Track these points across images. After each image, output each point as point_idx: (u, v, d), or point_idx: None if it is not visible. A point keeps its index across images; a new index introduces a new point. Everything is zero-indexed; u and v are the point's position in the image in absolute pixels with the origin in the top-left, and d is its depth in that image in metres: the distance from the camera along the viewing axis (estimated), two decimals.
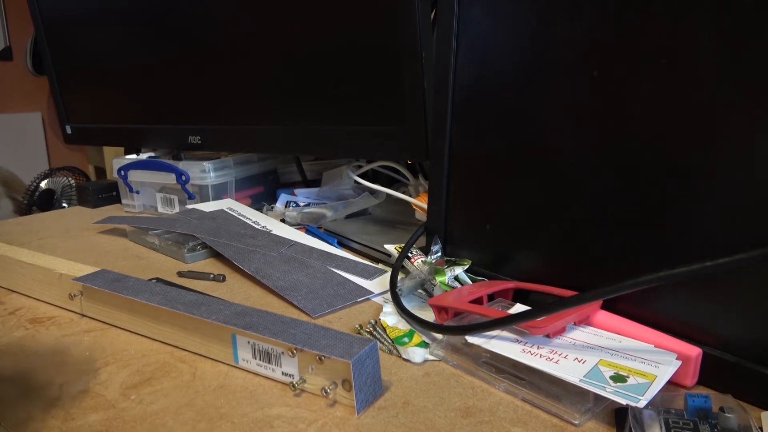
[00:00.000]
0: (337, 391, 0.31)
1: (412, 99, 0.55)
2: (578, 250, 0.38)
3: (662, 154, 0.33)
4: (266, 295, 0.49)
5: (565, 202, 0.39)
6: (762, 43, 0.29)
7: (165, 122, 0.83)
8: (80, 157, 2.77)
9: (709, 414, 0.27)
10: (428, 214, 0.50)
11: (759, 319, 0.30)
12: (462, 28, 0.44)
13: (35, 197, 2.19)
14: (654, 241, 0.34)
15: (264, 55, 0.68)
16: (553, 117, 0.39)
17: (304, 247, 0.58)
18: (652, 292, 0.32)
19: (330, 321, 0.43)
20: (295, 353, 0.32)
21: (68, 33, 0.89)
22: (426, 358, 0.37)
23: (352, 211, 0.71)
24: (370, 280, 0.51)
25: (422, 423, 0.30)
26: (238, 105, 0.73)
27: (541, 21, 0.39)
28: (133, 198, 0.82)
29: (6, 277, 0.51)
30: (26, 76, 2.60)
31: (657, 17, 0.33)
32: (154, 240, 0.62)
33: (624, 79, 0.35)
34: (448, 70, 0.45)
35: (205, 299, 0.38)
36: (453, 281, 0.44)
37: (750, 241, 0.30)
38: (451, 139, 0.46)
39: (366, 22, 0.57)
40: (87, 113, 0.94)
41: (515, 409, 0.31)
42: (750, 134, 0.30)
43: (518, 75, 0.41)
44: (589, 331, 0.35)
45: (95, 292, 0.42)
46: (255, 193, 0.82)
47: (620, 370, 0.30)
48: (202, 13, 0.72)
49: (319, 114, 0.65)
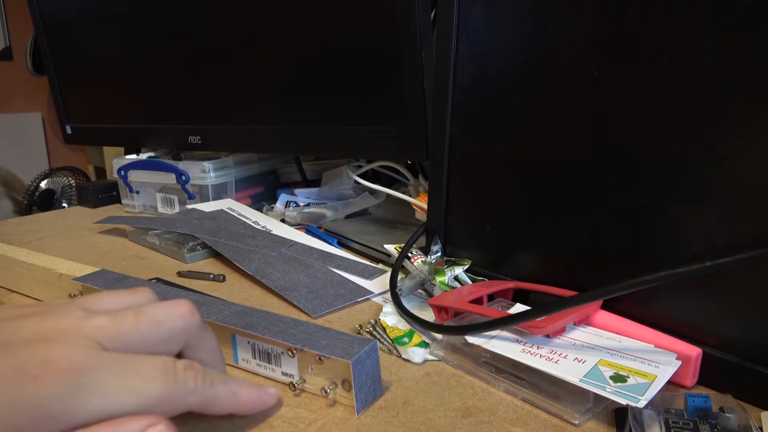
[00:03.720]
0: (336, 391, 0.31)
1: (412, 99, 0.55)
2: (578, 250, 0.38)
3: (662, 153, 0.33)
4: (266, 295, 0.49)
5: (565, 202, 0.39)
6: (762, 43, 0.29)
7: (165, 122, 0.83)
8: (80, 157, 2.76)
9: (709, 414, 0.27)
10: (428, 214, 0.50)
11: (759, 319, 0.30)
12: (462, 28, 0.44)
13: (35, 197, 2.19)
14: (654, 240, 0.34)
15: (264, 55, 0.68)
16: (553, 117, 0.39)
17: (304, 247, 0.58)
18: (652, 292, 0.32)
19: (330, 321, 0.43)
20: (295, 353, 0.32)
21: (68, 33, 0.89)
22: (426, 358, 0.37)
23: (352, 211, 0.71)
24: (370, 280, 0.51)
25: (422, 423, 0.30)
26: (238, 105, 0.73)
27: (541, 21, 0.39)
28: (133, 198, 0.82)
29: (6, 277, 0.51)
30: (26, 76, 2.60)
31: (657, 17, 0.33)
32: (154, 240, 0.62)
33: (624, 79, 0.35)
34: (448, 70, 0.45)
35: (205, 299, 0.38)
36: (453, 281, 0.44)
37: (750, 241, 0.30)
38: (451, 139, 0.46)
39: (366, 22, 0.57)
40: (87, 113, 0.94)
41: (515, 409, 0.31)
42: (750, 134, 0.30)
43: (518, 75, 0.41)
44: (589, 331, 0.35)
45: (95, 292, 0.42)
46: (255, 193, 0.82)
47: (620, 370, 0.30)
48: (202, 12, 0.72)
49: (319, 114, 0.65)
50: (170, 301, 0.28)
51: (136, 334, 0.26)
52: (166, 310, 0.27)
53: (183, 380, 0.25)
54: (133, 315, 0.26)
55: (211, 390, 0.27)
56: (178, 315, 0.28)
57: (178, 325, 0.27)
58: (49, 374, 0.22)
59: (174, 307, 0.28)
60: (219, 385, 0.27)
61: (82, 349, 0.23)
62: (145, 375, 0.24)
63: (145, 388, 0.24)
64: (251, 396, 0.29)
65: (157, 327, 0.27)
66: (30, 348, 0.23)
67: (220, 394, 0.27)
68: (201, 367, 0.27)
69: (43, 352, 0.23)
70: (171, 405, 0.25)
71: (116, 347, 0.25)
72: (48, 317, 0.25)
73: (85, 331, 0.24)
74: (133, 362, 0.25)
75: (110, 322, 0.25)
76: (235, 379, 0.29)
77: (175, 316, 0.27)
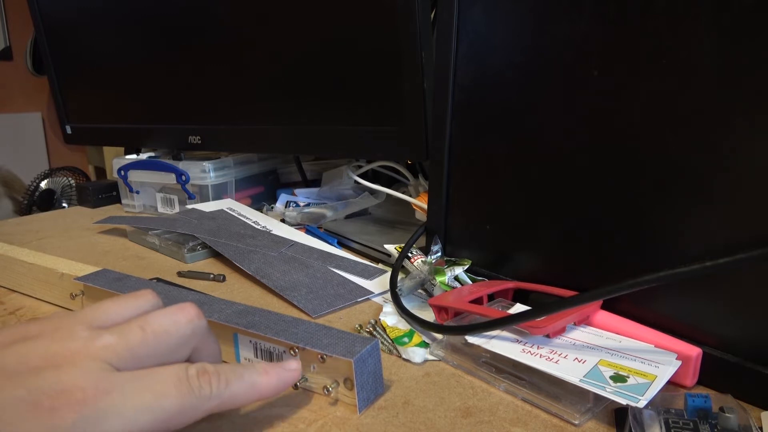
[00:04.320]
0: (338, 390, 0.31)
1: (412, 99, 0.55)
2: (578, 250, 0.39)
3: (662, 153, 0.33)
4: (266, 295, 0.49)
5: (565, 202, 0.39)
6: (762, 43, 0.29)
7: (165, 122, 0.83)
8: (80, 157, 2.76)
9: (709, 414, 0.27)
10: (428, 214, 0.50)
11: (759, 319, 0.30)
12: (462, 28, 0.44)
13: (35, 197, 2.18)
14: (654, 240, 0.34)
15: (264, 55, 0.68)
16: (553, 117, 0.39)
17: (304, 247, 0.58)
18: (652, 292, 0.32)
19: (330, 321, 0.43)
20: (297, 352, 0.32)
21: (68, 33, 0.89)
22: (426, 358, 0.37)
23: (352, 211, 0.71)
24: (370, 280, 0.51)
25: (422, 423, 0.30)
26: (238, 105, 0.73)
27: (541, 21, 0.39)
28: (133, 198, 0.82)
29: (6, 277, 0.51)
30: (26, 76, 2.60)
31: (657, 17, 0.33)
32: (154, 240, 0.62)
33: (624, 79, 0.35)
34: (448, 70, 0.45)
35: (207, 298, 0.38)
36: (453, 281, 0.44)
37: (750, 241, 0.30)
38: (451, 139, 0.47)
39: (366, 22, 0.57)
40: (87, 113, 0.94)
41: (515, 409, 0.31)
42: (750, 134, 0.30)
43: (518, 75, 0.41)
44: (589, 331, 0.35)
45: (97, 292, 0.42)
46: (255, 193, 0.82)
47: (620, 370, 0.30)
48: (202, 13, 0.72)
49: (319, 114, 0.65)
50: (175, 307, 0.28)
51: (145, 347, 0.25)
52: (172, 318, 0.27)
53: (198, 387, 0.25)
54: (139, 328, 0.26)
55: (228, 390, 0.26)
56: (185, 321, 0.27)
57: (186, 332, 0.27)
58: (64, 406, 0.22)
59: (180, 314, 0.27)
60: (235, 382, 0.27)
61: (93, 373, 0.23)
62: (160, 390, 0.24)
63: (162, 402, 0.24)
64: (271, 382, 0.29)
65: (165, 337, 0.26)
66: (40, 378, 0.22)
67: (237, 391, 0.27)
68: (213, 369, 0.26)
69: (54, 381, 0.22)
70: (190, 414, 0.25)
71: (126, 365, 0.25)
72: (53, 340, 0.24)
73: (94, 353, 0.24)
74: (146, 379, 0.24)
75: (117, 340, 0.25)
76: (250, 369, 0.28)
77: (182, 323, 0.27)
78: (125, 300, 0.28)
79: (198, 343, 0.28)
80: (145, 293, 0.29)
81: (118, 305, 0.28)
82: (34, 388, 0.22)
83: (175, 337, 0.27)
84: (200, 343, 0.29)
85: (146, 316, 0.27)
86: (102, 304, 0.28)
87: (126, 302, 0.28)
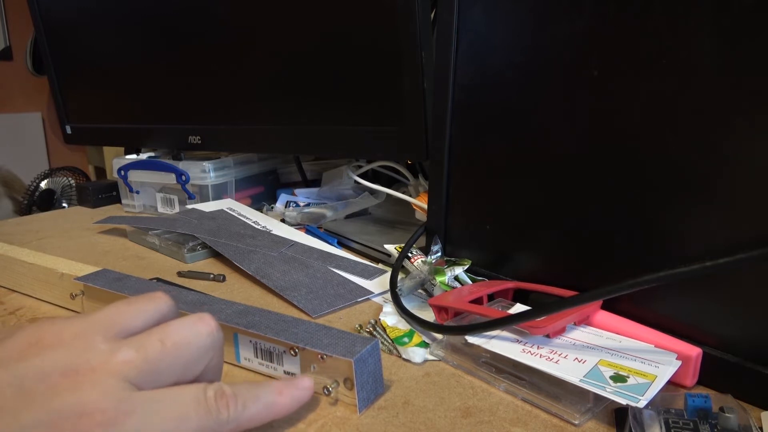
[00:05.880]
0: (339, 390, 0.31)
1: (412, 99, 0.55)
2: (578, 250, 0.39)
3: (662, 153, 0.33)
4: (266, 295, 0.49)
5: (564, 202, 0.39)
6: (762, 43, 0.29)
7: (165, 122, 0.83)
8: (80, 157, 2.76)
9: (709, 414, 0.27)
10: (428, 214, 0.50)
11: (759, 319, 0.30)
12: (462, 28, 0.44)
13: (35, 197, 2.18)
14: (654, 241, 0.34)
15: (264, 55, 0.68)
16: (553, 117, 0.39)
17: (304, 247, 0.58)
18: (652, 292, 0.32)
19: (330, 321, 0.43)
20: (297, 352, 0.32)
21: (68, 33, 0.89)
22: (426, 358, 0.37)
23: (352, 211, 0.71)
24: (370, 280, 0.51)
25: (422, 423, 0.30)
26: (238, 105, 0.73)
27: (541, 21, 0.39)
28: (133, 198, 0.82)
29: (6, 277, 0.51)
30: (26, 76, 2.60)
31: (657, 17, 0.33)
32: (154, 240, 0.62)
33: (624, 79, 0.35)
34: (448, 70, 0.45)
35: (207, 298, 0.38)
36: (453, 281, 0.44)
37: (750, 241, 0.30)
38: (451, 139, 0.47)
39: (366, 22, 0.57)
40: (87, 113, 0.94)
41: (515, 409, 0.31)
42: (750, 134, 0.30)
43: (518, 75, 0.41)
44: (589, 331, 0.35)
45: (97, 292, 0.42)
46: (255, 193, 0.82)
47: (620, 370, 0.30)
48: (202, 13, 0.72)
49: (319, 114, 0.65)
50: (194, 316, 0.27)
51: (165, 362, 0.25)
52: (193, 330, 0.26)
53: (216, 411, 0.25)
54: (158, 341, 0.25)
55: (245, 414, 0.26)
56: (206, 332, 0.27)
57: (205, 344, 0.27)
58: (86, 430, 0.22)
59: (200, 324, 0.27)
60: (251, 405, 0.27)
61: (114, 393, 0.23)
62: (180, 412, 0.24)
63: (182, 426, 0.24)
64: (286, 402, 0.28)
65: (185, 349, 0.26)
66: (59, 398, 0.22)
67: (254, 414, 0.27)
68: (231, 392, 0.26)
69: (74, 402, 0.22)
70: None
71: (146, 382, 0.24)
72: (71, 351, 0.24)
73: (113, 370, 0.23)
74: (166, 400, 0.24)
75: (137, 355, 0.24)
76: (266, 389, 0.28)
77: (202, 335, 0.27)
78: (142, 304, 0.27)
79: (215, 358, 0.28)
80: (159, 296, 0.28)
81: (136, 310, 0.27)
82: (54, 411, 0.22)
83: (195, 349, 0.26)
84: (217, 357, 0.28)
85: (165, 327, 0.26)
86: (118, 308, 0.27)
87: (143, 306, 0.27)
